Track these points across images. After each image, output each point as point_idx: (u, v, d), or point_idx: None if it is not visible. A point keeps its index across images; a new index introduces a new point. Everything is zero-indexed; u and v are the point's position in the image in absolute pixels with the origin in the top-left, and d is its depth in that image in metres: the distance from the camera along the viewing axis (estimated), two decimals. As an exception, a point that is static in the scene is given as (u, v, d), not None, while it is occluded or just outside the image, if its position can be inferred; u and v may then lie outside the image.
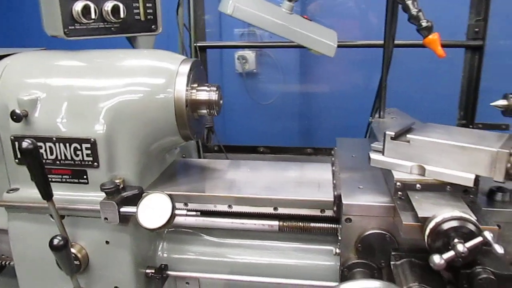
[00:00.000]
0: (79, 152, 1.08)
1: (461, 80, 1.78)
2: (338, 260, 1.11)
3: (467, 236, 0.83)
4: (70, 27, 1.16)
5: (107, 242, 1.12)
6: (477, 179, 0.95)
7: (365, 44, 1.85)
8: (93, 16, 1.17)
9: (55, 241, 0.95)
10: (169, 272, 1.21)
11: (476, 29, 1.66)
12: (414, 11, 1.06)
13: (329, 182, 1.22)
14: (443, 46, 1.60)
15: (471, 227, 0.83)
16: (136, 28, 1.30)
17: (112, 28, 1.25)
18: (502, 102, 1.08)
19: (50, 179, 1.06)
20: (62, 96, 1.09)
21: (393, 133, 1.03)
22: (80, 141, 1.07)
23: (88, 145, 1.07)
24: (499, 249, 0.79)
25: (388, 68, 1.48)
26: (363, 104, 2.47)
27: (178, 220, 1.13)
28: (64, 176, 1.11)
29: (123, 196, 1.06)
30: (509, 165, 0.90)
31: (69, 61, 1.15)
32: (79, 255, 1.11)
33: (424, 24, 1.06)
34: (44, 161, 1.08)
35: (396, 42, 1.45)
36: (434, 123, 1.10)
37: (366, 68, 2.41)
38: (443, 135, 1.00)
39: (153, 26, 1.33)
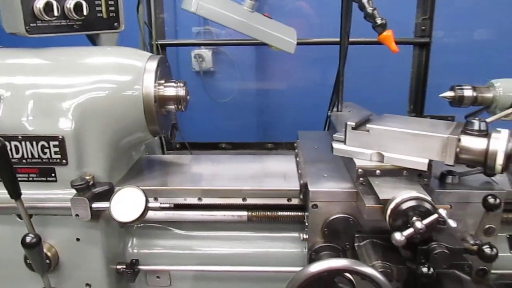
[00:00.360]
0: (46, 150, 1.07)
1: (410, 75, 1.90)
2: (305, 246, 1.18)
3: (423, 214, 0.91)
4: (31, 25, 1.14)
5: (77, 239, 1.12)
6: (430, 163, 1.03)
7: (321, 42, 1.93)
8: (55, 13, 1.16)
9: (28, 239, 0.94)
10: (140, 267, 1.22)
11: (423, 27, 1.78)
12: (369, 9, 1.14)
13: (294, 173, 1.28)
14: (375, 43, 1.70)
15: (427, 205, 0.91)
16: (99, 25, 1.29)
17: (75, 26, 1.24)
18: (450, 94, 1.19)
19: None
20: (27, 95, 1.07)
21: (353, 124, 1.10)
22: (48, 138, 1.06)
23: (56, 143, 1.06)
24: (452, 223, 0.87)
25: (344, 64, 1.56)
26: (320, 100, 2.56)
27: (149, 214, 1.15)
28: (31, 175, 1.10)
29: (94, 192, 1.07)
30: (458, 149, 1.00)
31: (32, 59, 1.14)
32: (49, 254, 1.10)
33: (379, 21, 1.14)
34: (8, 160, 1.07)
35: (351, 39, 1.53)
36: (390, 114, 1.18)
37: (322, 65, 2.50)
38: (399, 124, 1.09)
39: (115, 24, 1.33)
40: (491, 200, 0.99)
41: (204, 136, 2.42)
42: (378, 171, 1.06)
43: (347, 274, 0.98)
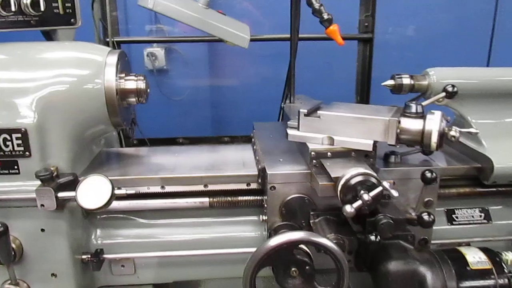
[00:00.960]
0: (9, 143, 1.08)
1: (356, 69, 2.03)
2: (264, 228, 1.26)
3: (370, 187, 1.01)
4: (-6, 20, 1.15)
5: (42, 230, 1.14)
6: (374, 144, 1.14)
7: (272, 38, 2.01)
8: (13, 8, 1.17)
9: (-5, 228, 0.96)
10: (105, 256, 1.25)
11: (366, 24, 1.92)
12: (316, 5, 1.24)
13: (251, 160, 1.36)
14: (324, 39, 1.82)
15: (373, 180, 1.02)
16: (55, 21, 1.30)
17: (32, 21, 1.25)
18: (390, 82, 1.31)
19: None
20: (-13, 89, 1.09)
21: (306, 111, 1.20)
22: (10, 131, 1.07)
23: (19, 135, 1.08)
24: (395, 193, 0.98)
25: (294, 58, 1.65)
26: (272, 93, 2.66)
27: (112, 205, 1.19)
28: (-20, 170, 1.11)
29: (59, 182, 1.09)
30: (398, 130, 1.11)
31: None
32: (13, 245, 1.11)
33: (325, 16, 1.24)
34: (-32, 154, 1.08)
35: (301, 35, 1.63)
36: (338, 102, 1.28)
37: (273, 60, 2.59)
38: (347, 110, 1.19)
39: (72, 20, 1.34)
40: (428, 174, 1.11)
41: (160, 133, 2.45)
42: (329, 153, 1.16)
43: (304, 247, 1.07)
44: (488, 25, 2.08)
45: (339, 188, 1.03)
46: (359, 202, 0.99)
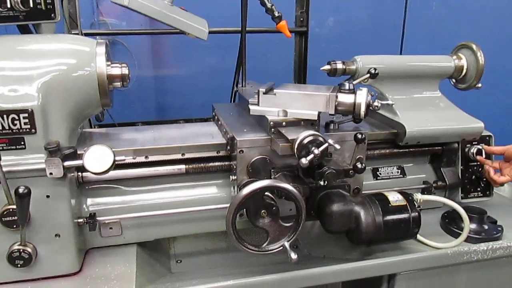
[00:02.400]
0: (16, 122, 1.25)
1: (293, 58, 2.36)
2: (229, 189, 1.53)
3: (318, 145, 1.33)
4: (-11, 15, 1.31)
5: (47, 196, 1.32)
6: (318, 115, 1.47)
7: (223, 31, 2.27)
8: (8, 5, 1.34)
9: (20, 190, 1.14)
10: (98, 218, 1.46)
11: (301, 19, 2.24)
12: (269, 5, 1.53)
13: (217, 133, 1.63)
14: (277, 32, 2.14)
15: (320, 139, 1.33)
16: (39, 16, 1.47)
17: (20, 16, 1.41)
18: (327, 67, 1.64)
19: None
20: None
21: (264, 90, 1.49)
22: (18, 112, 1.25)
23: (26, 115, 1.25)
24: (337, 146, 1.30)
25: (245, 48, 1.94)
26: (214, 82, 2.92)
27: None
28: (1, 145, 1.27)
29: (64, 153, 1.29)
30: (336, 103, 1.45)
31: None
32: (23, 211, 1.29)
33: (276, 14, 1.53)
34: (-22, 133, 1.24)
35: (248, 28, 1.91)
36: (288, 83, 1.59)
37: (216, 52, 2.85)
38: (296, 89, 1.50)
39: (52, 15, 1.52)
40: (359, 135, 1.45)
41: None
42: (284, 123, 1.46)
43: (269, 195, 1.36)
44: (400, 19, 2.49)
45: (295, 147, 1.34)
46: (311, 156, 1.30)
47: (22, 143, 1.28)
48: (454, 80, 1.79)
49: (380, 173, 1.76)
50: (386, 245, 1.55)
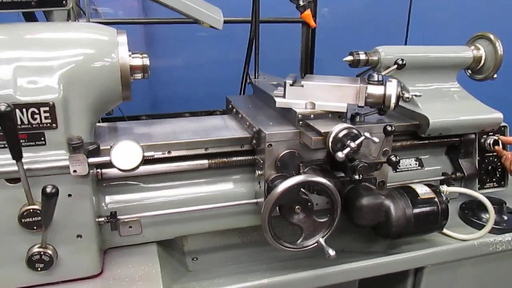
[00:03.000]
0: (36, 116, 1.17)
1: (300, 49, 2.32)
2: (259, 181, 1.48)
3: (353, 138, 1.29)
4: (2, 0, 1.21)
5: (69, 195, 1.24)
6: (347, 107, 1.43)
7: (235, 20, 2.19)
8: (20, -10, 1.24)
9: (48, 189, 1.06)
10: (118, 217, 1.38)
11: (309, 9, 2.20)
12: (294, -7, 1.48)
13: (238, 127, 1.57)
14: (286, 22, 2.09)
15: (355, 131, 1.30)
16: (51, 2, 1.38)
17: (33, 3, 1.32)
18: (350, 58, 1.60)
19: (3, 145, 1.15)
20: (13, 67, 1.15)
21: (291, 81, 1.44)
22: (39, 105, 1.16)
23: (47, 108, 1.16)
24: (376, 139, 1.27)
25: (258, 39, 1.88)
26: (213, 74, 2.84)
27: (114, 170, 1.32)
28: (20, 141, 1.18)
29: (88, 149, 1.21)
30: (366, 95, 1.41)
31: (8, 35, 1.20)
32: (43, 211, 1.20)
33: (301, 3, 1.49)
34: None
35: (263, 18, 1.86)
36: (311, 74, 1.54)
37: (213, 43, 2.77)
38: (322, 80, 1.46)
39: (64, 1, 1.42)
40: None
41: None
42: (312, 115, 1.42)
43: (303, 190, 1.32)
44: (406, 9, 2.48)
45: (330, 140, 1.30)
46: (347, 149, 1.27)
47: (42, 138, 1.19)
48: (470, 71, 1.79)
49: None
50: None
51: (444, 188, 1.52)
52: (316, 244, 1.30)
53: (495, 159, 1.76)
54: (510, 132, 1.77)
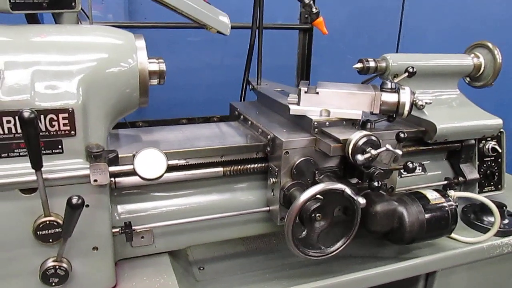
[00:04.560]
0: (55, 123, 1.11)
1: (297, 55, 2.33)
2: (272, 189, 1.46)
3: (373, 145, 1.30)
4: (15, 1, 1.15)
5: (87, 206, 1.18)
6: (362, 114, 1.44)
7: (238, 26, 2.16)
8: (33, -9, 1.18)
9: (74, 200, 1.01)
10: (133, 227, 1.34)
11: (306, 16, 2.21)
12: (307, 0, 1.48)
13: (249, 134, 1.56)
14: (284, 28, 2.10)
15: (375, 139, 1.31)
16: (62, 4, 1.32)
17: (44, 4, 1.26)
18: (359, 65, 1.62)
19: (18, 154, 1.09)
20: (31, 71, 1.10)
21: (306, 89, 1.44)
22: (57, 111, 1.11)
23: (66, 115, 1.11)
24: (399, 152, 1.28)
25: (261, 45, 1.87)
26: (206, 79, 2.80)
27: (133, 179, 1.30)
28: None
29: (108, 157, 1.16)
30: (381, 102, 1.43)
31: (24, 38, 1.15)
32: (61, 223, 1.15)
33: (314, 10, 1.49)
34: (12, 136, 1.09)
35: (266, 24, 1.85)
36: (323, 81, 1.54)
37: (205, 48, 2.74)
38: (336, 87, 1.47)
39: (73, 3, 1.37)
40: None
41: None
42: (327, 123, 1.43)
43: (320, 197, 1.32)
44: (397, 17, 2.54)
45: (350, 147, 1.30)
46: (368, 154, 1.27)
47: (60, 146, 1.14)
48: (468, 79, 1.85)
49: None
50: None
51: (452, 193, 1.56)
52: (341, 248, 1.31)
53: (493, 163, 1.82)
54: (507, 137, 1.84)
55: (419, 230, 1.44)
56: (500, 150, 1.78)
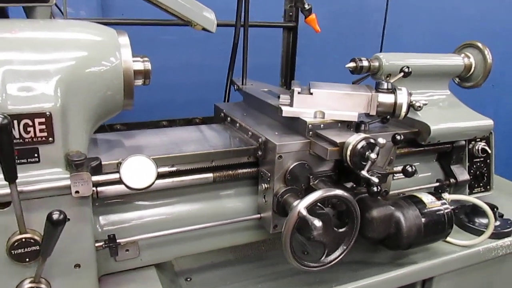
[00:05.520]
0: (30, 129, 1.00)
1: (281, 54, 2.25)
2: (264, 195, 1.38)
3: (371, 147, 1.24)
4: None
5: (68, 219, 1.07)
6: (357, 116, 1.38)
7: (222, 23, 2.07)
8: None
9: (55, 216, 0.90)
10: (118, 240, 1.23)
11: (290, 13, 2.14)
12: (299, -4, 1.41)
13: (238, 137, 1.47)
14: (266, 26, 2.03)
15: (373, 141, 1.25)
16: (33, -3, 1.21)
17: (15, -3, 1.14)
18: (352, 64, 1.56)
19: None
20: (1, 72, 0.98)
21: (299, 89, 1.37)
22: (33, 116, 0.99)
23: (43, 120, 1.00)
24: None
25: (247, 44, 1.79)
26: (186, 79, 2.69)
27: (111, 189, 1.19)
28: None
29: (91, 165, 1.06)
30: (377, 103, 1.38)
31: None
32: (38, 240, 1.03)
33: (307, 6, 1.42)
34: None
35: (252, 22, 1.77)
36: (315, 82, 1.48)
37: (182, 47, 2.63)
38: (332, 88, 1.40)
39: (45, -3, 1.26)
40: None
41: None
42: (322, 125, 1.36)
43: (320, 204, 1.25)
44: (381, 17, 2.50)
45: (348, 152, 1.24)
46: (369, 163, 1.22)
47: (36, 155, 1.03)
48: (458, 79, 1.82)
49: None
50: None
51: (447, 196, 1.52)
52: (340, 256, 1.24)
53: (482, 164, 1.80)
54: (495, 137, 1.82)
55: (417, 235, 1.39)
56: (489, 151, 1.76)
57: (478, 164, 1.81)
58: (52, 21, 1.14)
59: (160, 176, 1.26)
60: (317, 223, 1.11)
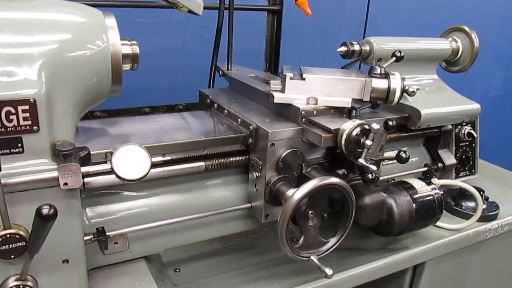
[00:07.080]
0: (13, 117, 0.93)
1: (265, 38, 2.20)
2: (254, 184, 1.36)
3: (366, 134, 1.22)
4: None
5: (55, 213, 1.02)
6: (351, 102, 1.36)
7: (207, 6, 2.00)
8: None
9: (44, 210, 0.84)
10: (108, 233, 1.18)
11: (275, -4, 2.10)
12: (290, -22, 1.36)
13: (226, 124, 1.43)
14: (250, 9, 1.98)
15: (367, 127, 1.23)
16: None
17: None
18: (343, 48, 1.53)
19: None
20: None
21: (291, 74, 1.33)
22: (16, 103, 0.92)
23: (26, 107, 0.93)
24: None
25: (232, 28, 1.74)
26: (165, 64, 2.61)
27: (100, 179, 1.14)
28: (-2, 150, 0.93)
29: (80, 155, 1.00)
30: (371, 88, 1.35)
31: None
32: (24, 235, 0.97)
33: (298, -12, 1.37)
34: (-42, 134, 0.90)
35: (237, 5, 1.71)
36: (306, 66, 1.44)
37: (159, 30, 2.54)
38: (324, 73, 1.37)
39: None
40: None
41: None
42: (315, 112, 1.33)
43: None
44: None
45: (343, 138, 1.22)
46: (365, 150, 1.20)
47: (20, 145, 0.96)
48: (445, 64, 1.82)
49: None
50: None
51: (436, 181, 1.53)
52: (335, 246, 1.23)
53: (468, 149, 1.82)
54: (480, 121, 1.84)
55: (408, 221, 1.40)
56: (475, 135, 1.77)
57: (464, 148, 1.82)
58: (31, 1, 1.05)
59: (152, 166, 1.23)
60: (328, 271, 1.16)
